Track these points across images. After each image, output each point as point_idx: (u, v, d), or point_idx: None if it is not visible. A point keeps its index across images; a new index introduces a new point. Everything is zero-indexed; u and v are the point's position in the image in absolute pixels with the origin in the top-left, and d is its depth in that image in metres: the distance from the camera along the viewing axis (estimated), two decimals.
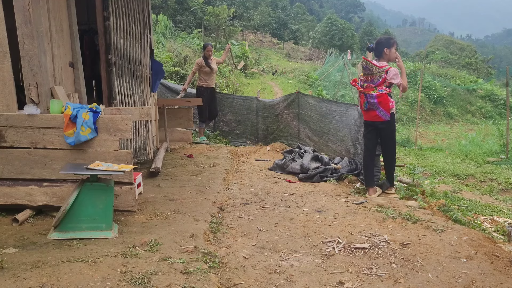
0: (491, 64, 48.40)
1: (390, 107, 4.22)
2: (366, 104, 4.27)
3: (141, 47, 5.50)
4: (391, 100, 4.26)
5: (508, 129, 10.10)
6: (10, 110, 3.22)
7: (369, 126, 4.44)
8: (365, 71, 4.30)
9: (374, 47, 4.40)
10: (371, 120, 4.34)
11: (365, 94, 4.24)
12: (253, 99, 9.86)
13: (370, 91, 4.20)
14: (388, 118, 4.22)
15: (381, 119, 4.23)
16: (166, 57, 15.11)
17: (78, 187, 2.78)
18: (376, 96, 4.18)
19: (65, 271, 2.13)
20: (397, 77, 4.22)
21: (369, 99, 4.22)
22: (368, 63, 4.24)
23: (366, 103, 4.26)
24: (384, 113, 4.19)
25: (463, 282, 2.34)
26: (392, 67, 4.27)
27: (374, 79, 4.23)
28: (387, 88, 4.23)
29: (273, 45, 41.03)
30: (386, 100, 4.18)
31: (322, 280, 2.37)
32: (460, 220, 3.86)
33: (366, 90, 4.24)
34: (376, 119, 4.26)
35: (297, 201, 4.14)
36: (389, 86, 4.24)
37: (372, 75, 4.24)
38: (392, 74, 4.21)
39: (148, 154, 5.50)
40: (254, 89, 18.83)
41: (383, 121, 4.23)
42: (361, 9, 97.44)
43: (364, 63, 4.31)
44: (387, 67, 4.22)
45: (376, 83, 4.22)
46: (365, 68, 4.29)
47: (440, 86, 21.91)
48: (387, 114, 4.20)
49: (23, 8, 3.17)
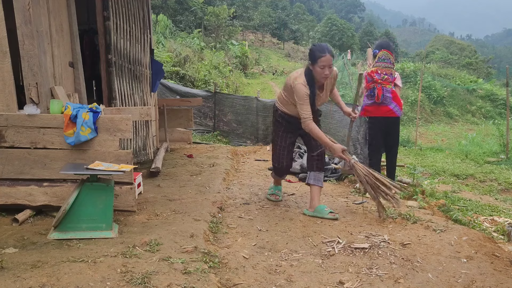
0: (491, 64, 48.39)
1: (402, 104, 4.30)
2: (382, 97, 4.24)
3: (141, 47, 5.50)
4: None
5: (508, 129, 10.10)
6: (10, 110, 3.22)
7: (377, 123, 4.36)
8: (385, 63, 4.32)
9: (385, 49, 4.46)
10: (382, 116, 4.29)
11: (383, 87, 4.23)
12: (253, 99, 9.87)
13: (387, 85, 4.22)
14: (400, 114, 4.26)
15: (395, 115, 4.24)
16: (166, 57, 15.12)
17: (78, 187, 2.78)
18: (391, 91, 4.20)
19: (65, 271, 2.13)
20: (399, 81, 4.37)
21: (385, 92, 4.20)
22: (391, 57, 4.28)
23: (382, 95, 4.23)
24: (398, 109, 4.23)
25: (463, 282, 2.34)
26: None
27: (392, 74, 4.31)
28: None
29: (273, 45, 41.05)
30: (398, 97, 4.24)
31: (322, 280, 2.37)
32: (460, 220, 3.87)
33: (384, 83, 4.23)
34: (389, 114, 4.26)
35: (297, 201, 4.14)
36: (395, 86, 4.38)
37: (391, 69, 4.31)
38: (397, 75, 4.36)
39: (148, 154, 5.50)
40: (254, 89, 18.85)
41: (396, 116, 4.25)
42: (361, 9, 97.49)
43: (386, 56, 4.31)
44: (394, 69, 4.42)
45: (392, 79, 4.30)
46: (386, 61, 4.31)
47: (440, 86, 21.90)
48: (400, 110, 4.23)
49: (23, 8, 3.17)
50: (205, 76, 16.07)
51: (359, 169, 3.47)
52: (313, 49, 3.44)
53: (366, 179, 3.44)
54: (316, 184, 3.68)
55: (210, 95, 10.08)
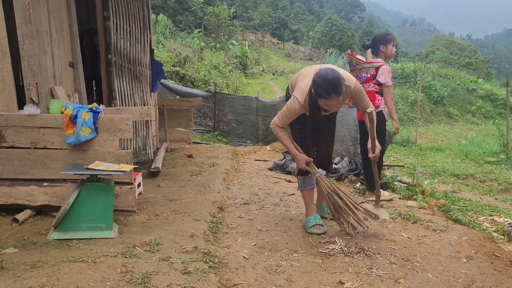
0: (491, 64, 48.40)
1: (377, 105, 3.94)
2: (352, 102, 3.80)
3: (141, 47, 5.50)
4: (377, 97, 3.98)
5: (508, 129, 10.10)
6: (10, 110, 3.22)
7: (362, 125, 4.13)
8: (350, 67, 4.12)
9: (371, 44, 4.18)
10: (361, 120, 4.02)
11: None
12: (253, 99, 9.87)
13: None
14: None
15: None
16: (166, 57, 15.13)
17: (78, 187, 2.78)
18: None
19: (65, 271, 2.13)
20: (385, 76, 3.95)
21: None
22: (352, 58, 4.05)
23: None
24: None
25: (463, 282, 2.34)
26: (384, 64, 4.01)
27: (360, 75, 4.01)
28: (376, 85, 3.99)
29: (273, 45, 41.05)
30: (372, 98, 3.86)
31: (322, 280, 2.37)
32: (460, 220, 3.87)
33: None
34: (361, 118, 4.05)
35: (297, 201, 4.14)
36: (379, 84, 3.99)
37: (357, 71, 4.03)
38: (381, 71, 3.95)
39: (148, 154, 5.50)
40: (254, 89, 18.85)
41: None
42: (361, 9, 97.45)
43: (348, 58, 4.17)
44: (379, 64, 4.00)
45: (363, 79, 4.00)
46: (349, 64, 4.15)
47: (440, 86, 21.91)
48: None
49: (23, 8, 3.17)
50: (205, 76, 16.08)
51: (322, 185, 3.12)
52: (317, 83, 2.78)
53: (328, 197, 3.09)
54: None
55: (210, 95, 10.08)
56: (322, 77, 2.76)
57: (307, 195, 3.32)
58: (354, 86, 2.94)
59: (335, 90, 2.73)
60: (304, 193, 3.34)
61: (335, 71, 2.80)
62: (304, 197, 3.36)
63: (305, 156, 3.15)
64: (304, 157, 3.14)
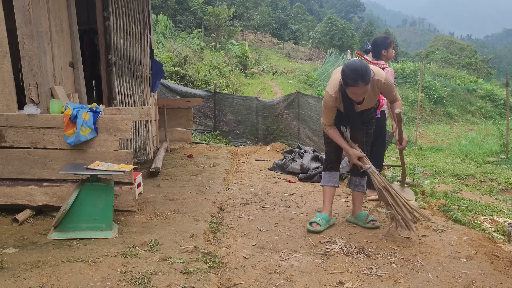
0: (491, 64, 48.40)
1: (381, 104, 4.02)
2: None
3: (141, 47, 5.50)
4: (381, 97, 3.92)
5: (508, 129, 10.10)
6: (10, 110, 3.22)
7: None
8: None
9: (372, 48, 4.26)
10: None
11: None
12: (253, 99, 9.87)
13: None
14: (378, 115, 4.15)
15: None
16: (166, 57, 15.12)
17: (78, 187, 2.78)
18: None
19: (65, 271, 2.13)
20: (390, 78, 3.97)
21: None
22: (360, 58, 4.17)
23: None
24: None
25: (463, 282, 2.34)
26: (388, 67, 4.10)
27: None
28: None
29: (273, 45, 41.04)
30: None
31: (322, 280, 2.37)
32: (460, 220, 3.86)
33: None
34: None
35: (297, 201, 4.14)
36: None
37: None
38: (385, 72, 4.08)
39: (148, 154, 5.50)
40: (254, 89, 18.85)
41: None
42: (361, 9, 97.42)
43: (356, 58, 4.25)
44: (383, 66, 4.07)
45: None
46: None
47: (440, 86, 21.93)
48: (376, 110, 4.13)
49: (23, 8, 3.17)
50: (205, 76, 16.07)
51: (374, 180, 3.13)
52: (345, 72, 2.87)
53: (379, 192, 3.11)
54: (357, 190, 3.42)
55: (210, 95, 10.08)
56: (350, 66, 2.87)
57: (327, 191, 3.40)
58: (385, 80, 3.06)
59: (362, 78, 2.82)
60: (325, 188, 3.42)
61: (363, 62, 2.92)
62: (323, 193, 3.44)
63: (357, 151, 3.19)
64: (356, 152, 3.18)
